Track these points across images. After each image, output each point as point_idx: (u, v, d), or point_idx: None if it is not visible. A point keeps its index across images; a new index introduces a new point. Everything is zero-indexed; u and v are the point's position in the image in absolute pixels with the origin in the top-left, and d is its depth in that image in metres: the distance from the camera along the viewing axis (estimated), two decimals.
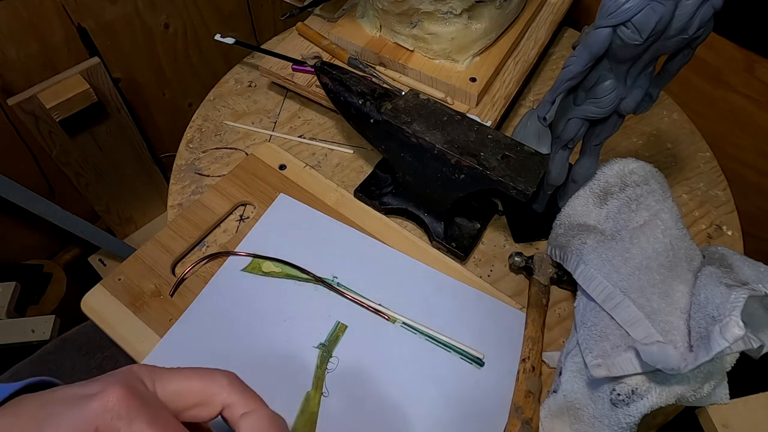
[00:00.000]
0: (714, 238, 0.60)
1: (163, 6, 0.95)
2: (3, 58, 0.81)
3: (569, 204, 0.53)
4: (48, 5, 0.81)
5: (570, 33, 0.83)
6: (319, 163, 0.65)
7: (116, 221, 1.19)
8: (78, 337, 0.50)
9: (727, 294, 0.36)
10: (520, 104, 0.73)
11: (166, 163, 1.20)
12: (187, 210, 0.57)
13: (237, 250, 0.54)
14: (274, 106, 0.72)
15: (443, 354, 0.48)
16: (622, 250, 0.45)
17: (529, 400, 0.45)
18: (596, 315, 0.44)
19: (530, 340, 0.49)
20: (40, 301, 1.02)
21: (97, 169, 1.05)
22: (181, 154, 0.67)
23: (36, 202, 0.91)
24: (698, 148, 0.68)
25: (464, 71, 0.64)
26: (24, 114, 0.86)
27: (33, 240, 1.08)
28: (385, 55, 0.66)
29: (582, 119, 0.46)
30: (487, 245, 0.59)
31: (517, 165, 0.48)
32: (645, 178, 0.49)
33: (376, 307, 0.50)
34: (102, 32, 0.90)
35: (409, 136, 0.50)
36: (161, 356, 0.46)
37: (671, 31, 0.37)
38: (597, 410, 0.41)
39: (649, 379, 0.39)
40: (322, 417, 0.44)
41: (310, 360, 0.47)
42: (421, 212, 0.57)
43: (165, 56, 1.03)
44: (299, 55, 0.70)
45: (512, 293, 0.54)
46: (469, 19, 0.61)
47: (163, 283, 0.51)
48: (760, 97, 0.68)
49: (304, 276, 0.52)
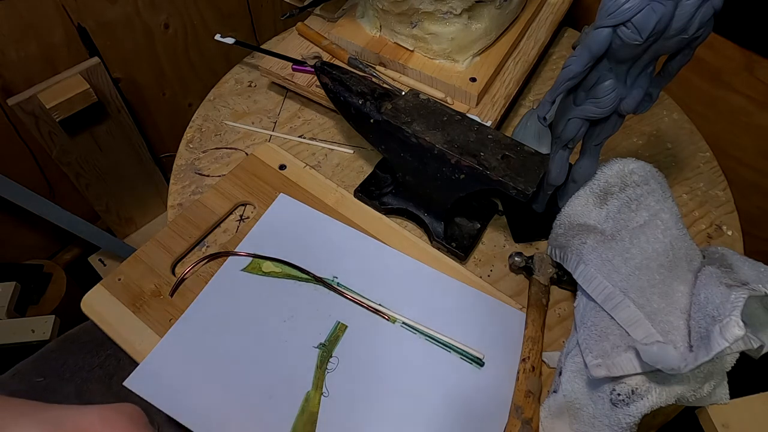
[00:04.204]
0: (714, 238, 0.60)
1: (163, 6, 0.95)
2: (3, 58, 0.81)
3: (569, 204, 0.53)
4: (48, 5, 0.81)
5: (570, 33, 0.83)
6: (319, 163, 0.65)
7: (116, 221, 1.19)
8: (80, 336, 0.50)
9: (727, 294, 0.36)
10: (520, 104, 0.73)
11: (166, 163, 1.20)
12: (187, 210, 0.57)
13: (237, 250, 0.54)
14: (274, 106, 0.72)
15: (443, 354, 0.48)
16: (622, 250, 0.45)
17: (529, 400, 0.45)
18: (596, 315, 0.44)
19: (530, 340, 0.49)
20: (40, 301, 1.02)
21: (97, 169, 1.05)
22: (181, 154, 0.67)
23: (36, 202, 0.91)
24: (698, 148, 0.68)
25: (464, 71, 0.64)
26: (24, 114, 0.86)
27: (33, 240, 1.08)
28: (385, 55, 0.66)
29: (582, 119, 0.46)
30: (487, 245, 0.59)
31: (517, 165, 0.48)
32: (645, 178, 0.49)
33: (376, 307, 0.50)
34: (102, 32, 0.90)
35: (409, 136, 0.50)
36: (161, 356, 0.46)
37: (671, 31, 0.37)
38: (597, 410, 0.41)
39: (649, 379, 0.39)
40: (322, 417, 0.44)
41: (310, 360, 0.47)
42: (421, 212, 0.57)
43: (165, 56, 1.03)
44: (299, 55, 0.70)
45: (512, 293, 0.54)
46: (469, 19, 0.61)
47: (163, 283, 0.51)
48: (760, 97, 0.68)
49: (304, 276, 0.52)
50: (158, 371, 0.45)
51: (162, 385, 0.45)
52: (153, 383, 0.44)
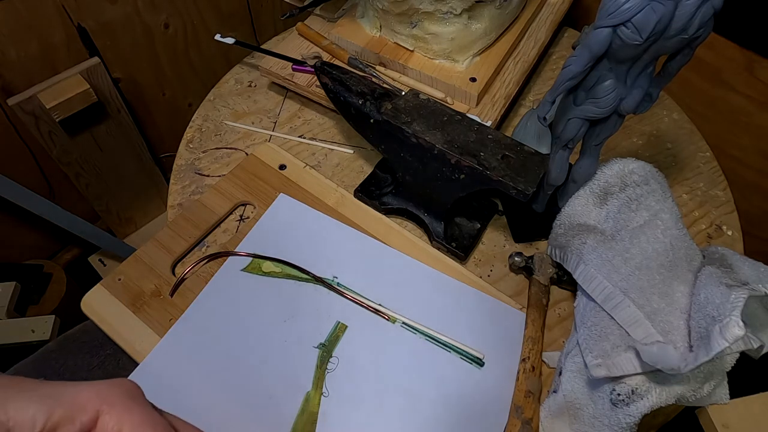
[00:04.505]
0: (714, 238, 0.60)
1: (163, 6, 0.95)
2: (3, 58, 0.81)
3: (569, 204, 0.53)
4: (48, 5, 0.81)
5: (570, 33, 0.83)
6: (319, 163, 0.65)
7: (116, 221, 1.19)
8: (80, 336, 0.50)
9: (727, 294, 0.36)
10: (520, 104, 0.73)
11: (166, 163, 1.20)
12: (187, 210, 0.57)
13: (237, 250, 0.54)
14: (274, 106, 0.72)
15: (443, 354, 0.48)
16: (622, 250, 0.45)
17: (529, 400, 0.45)
18: (596, 315, 0.44)
19: (530, 340, 0.49)
20: (40, 301, 1.02)
21: (97, 169, 1.05)
22: (181, 154, 0.67)
23: (36, 202, 0.91)
24: (698, 148, 0.68)
25: (464, 71, 0.64)
26: (24, 114, 0.86)
27: (33, 240, 1.08)
28: (385, 55, 0.66)
29: (582, 119, 0.46)
30: (487, 245, 0.59)
31: (517, 165, 0.48)
32: (645, 178, 0.49)
33: (376, 307, 0.50)
34: (102, 32, 0.90)
35: (409, 136, 0.50)
36: (161, 356, 0.46)
37: (671, 31, 0.37)
38: (597, 410, 0.41)
39: (649, 379, 0.39)
40: (322, 417, 0.44)
41: (310, 360, 0.47)
42: (421, 212, 0.57)
43: (165, 56, 1.03)
44: (299, 55, 0.70)
45: (512, 293, 0.54)
46: (469, 19, 0.61)
47: (163, 283, 0.51)
48: (760, 97, 0.68)
49: (304, 276, 0.52)
50: (158, 371, 0.45)
51: (162, 385, 0.45)
52: (153, 383, 0.44)
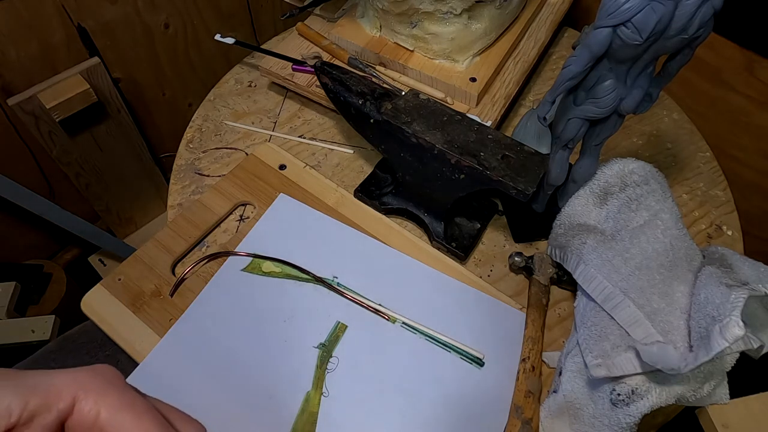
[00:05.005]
0: (714, 238, 0.60)
1: (163, 6, 0.95)
2: (3, 58, 0.81)
3: (569, 204, 0.53)
4: (48, 5, 0.81)
5: (570, 33, 0.83)
6: (319, 163, 0.65)
7: (116, 221, 1.19)
8: (79, 336, 0.50)
9: (727, 294, 0.36)
10: (520, 104, 0.73)
11: (166, 163, 1.20)
12: (187, 210, 0.57)
13: (237, 250, 0.54)
14: (274, 106, 0.72)
15: (443, 354, 0.48)
16: (622, 250, 0.45)
17: (529, 400, 0.45)
18: (596, 315, 0.44)
19: (530, 340, 0.49)
20: (40, 301, 1.02)
21: (97, 169, 1.05)
22: (181, 154, 0.67)
23: (36, 202, 0.91)
24: (698, 148, 0.68)
25: (464, 71, 0.64)
26: (24, 114, 0.86)
27: (33, 240, 1.08)
28: (385, 55, 0.66)
29: (582, 119, 0.46)
30: (487, 245, 0.59)
31: (517, 165, 0.48)
32: (645, 178, 0.49)
33: (376, 307, 0.50)
34: (102, 32, 0.90)
35: (409, 136, 0.50)
36: (161, 356, 0.46)
37: (671, 31, 0.37)
38: (597, 410, 0.41)
39: (649, 379, 0.39)
40: (322, 417, 0.44)
41: (310, 360, 0.47)
42: (421, 212, 0.57)
43: (165, 56, 1.03)
44: (299, 55, 0.70)
45: (512, 293, 0.54)
46: (469, 19, 0.61)
47: (163, 283, 0.51)
48: (760, 97, 0.68)
49: (304, 276, 0.52)
50: (158, 371, 0.45)
51: (162, 385, 0.45)
52: (153, 383, 0.44)
